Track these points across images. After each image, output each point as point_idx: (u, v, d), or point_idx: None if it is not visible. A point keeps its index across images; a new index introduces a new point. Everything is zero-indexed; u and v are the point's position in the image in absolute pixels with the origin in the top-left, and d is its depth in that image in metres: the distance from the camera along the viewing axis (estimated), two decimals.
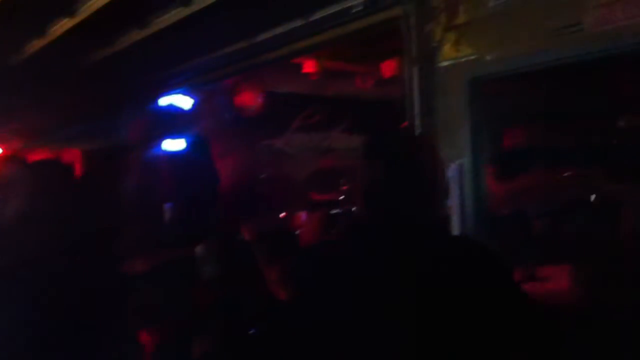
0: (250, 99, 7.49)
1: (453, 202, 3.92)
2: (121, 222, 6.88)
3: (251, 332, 4.63)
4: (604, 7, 3.14)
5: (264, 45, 5.04)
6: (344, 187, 7.91)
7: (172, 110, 7.35)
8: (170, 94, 7.09)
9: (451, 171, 3.94)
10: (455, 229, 3.90)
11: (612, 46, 3.16)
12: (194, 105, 7.45)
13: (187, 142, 7.45)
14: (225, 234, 6.07)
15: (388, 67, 6.97)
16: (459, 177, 3.91)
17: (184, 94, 7.25)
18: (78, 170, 7.39)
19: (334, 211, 7.84)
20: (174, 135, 7.42)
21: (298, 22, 4.64)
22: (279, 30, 4.83)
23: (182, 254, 5.27)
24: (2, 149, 6.17)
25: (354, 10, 4.22)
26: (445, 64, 3.96)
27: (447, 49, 3.92)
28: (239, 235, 6.28)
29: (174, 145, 7.45)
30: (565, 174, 6.32)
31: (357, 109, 8.50)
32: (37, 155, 6.15)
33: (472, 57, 3.80)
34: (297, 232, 7.24)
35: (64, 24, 5.03)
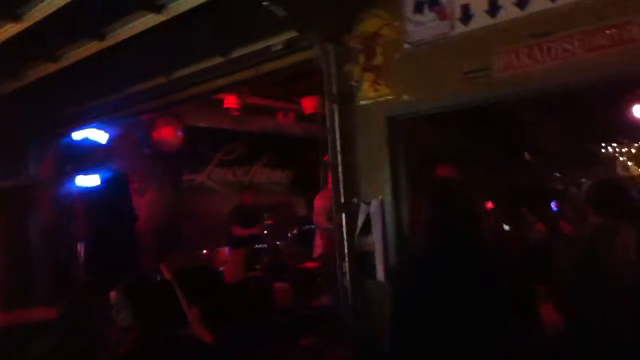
0: (169, 134, 7.35)
1: (376, 235, 3.99)
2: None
3: None
4: (510, 53, 3.34)
5: (183, 81, 4.96)
6: (268, 222, 7.85)
7: (87, 144, 7.07)
8: (85, 128, 6.83)
9: (372, 206, 4.01)
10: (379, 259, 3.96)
11: (518, 89, 3.37)
12: (109, 139, 7.21)
13: (102, 177, 7.18)
14: (143, 274, 5.83)
15: (309, 104, 7.07)
16: (381, 212, 3.98)
17: (99, 128, 7.01)
18: None
19: (258, 246, 7.77)
20: (88, 170, 7.13)
21: (218, 60, 4.61)
22: (200, 66, 4.78)
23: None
24: None
25: (273, 49, 4.25)
26: (364, 102, 4.05)
27: (365, 88, 4.02)
28: (159, 275, 6.06)
29: (88, 181, 7.15)
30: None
31: (278, 144, 8.54)
32: None
33: (390, 97, 3.91)
34: (221, 268, 7.09)
35: None
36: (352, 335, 4.04)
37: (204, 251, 7.10)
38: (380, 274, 3.97)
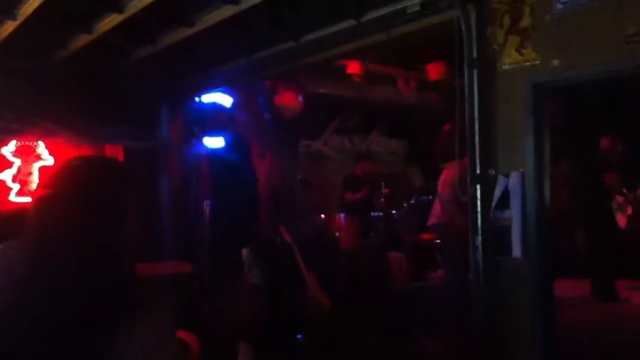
0: (290, 99, 7.40)
1: (514, 209, 3.76)
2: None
3: (298, 337, 4.51)
4: None
5: (312, 46, 4.91)
6: (385, 190, 7.78)
7: (213, 108, 7.31)
8: (212, 92, 7.05)
9: (512, 179, 3.78)
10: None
11: None
12: (234, 104, 7.40)
13: (226, 140, 7.42)
14: (267, 236, 5.99)
15: (435, 70, 6.80)
16: (521, 186, 3.74)
17: (225, 92, 7.21)
18: None
19: (374, 214, 7.73)
20: (214, 133, 7.39)
21: (349, 23, 4.50)
22: (331, 30, 4.69)
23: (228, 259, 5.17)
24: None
25: (409, 11, 4.07)
26: (507, 67, 3.78)
27: (509, 52, 3.75)
28: (280, 238, 6.19)
29: (213, 143, 7.42)
30: None
31: (396, 113, 8.35)
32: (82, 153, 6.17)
33: (537, 62, 3.62)
34: (336, 234, 7.13)
35: (111, 20, 4.97)
36: (481, 312, 3.88)
37: (322, 216, 7.14)
38: (516, 251, 3.76)
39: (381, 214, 7.72)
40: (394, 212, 7.68)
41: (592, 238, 6.47)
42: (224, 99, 7.36)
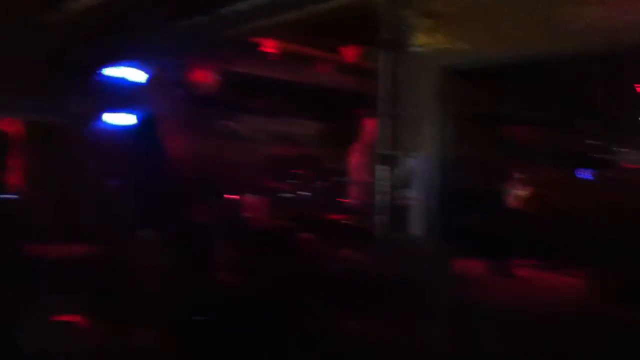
0: (205, 77, 7.20)
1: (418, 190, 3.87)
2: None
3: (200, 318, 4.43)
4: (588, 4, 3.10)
5: (225, 21, 4.78)
6: (298, 172, 7.79)
7: (124, 83, 6.99)
8: (122, 66, 6.73)
9: (417, 161, 3.87)
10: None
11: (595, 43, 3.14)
12: (146, 79, 7.11)
13: (137, 117, 7.12)
14: (178, 216, 5.83)
15: (350, 53, 6.83)
16: (426, 167, 3.84)
17: (137, 67, 6.91)
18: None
19: (286, 195, 7.73)
20: (123, 109, 7.07)
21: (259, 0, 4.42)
22: (244, 5, 4.59)
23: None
24: None
25: None
26: (418, 50, 3.85)
27: (421, 35, 3.82)
28: (192, 218, 6.06)
29: (123, 119, 7.10)
30: None
31: (315, 95, 8.33)
32: None
33: (447, 46, 3.71)
34: (248, 215, 7.07)
35: None
36: (384, 289, 3.98)
37: (235, 197, 7.04)
38: (419, 229, 3.88)
39: (294, 195, 7.73)
40: (307, 193, 7.71)
41: (491, 219, 6.79)
42: (136, 74, 7.06)
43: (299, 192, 7.81)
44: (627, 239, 4.83)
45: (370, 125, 5.79)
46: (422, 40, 3.81)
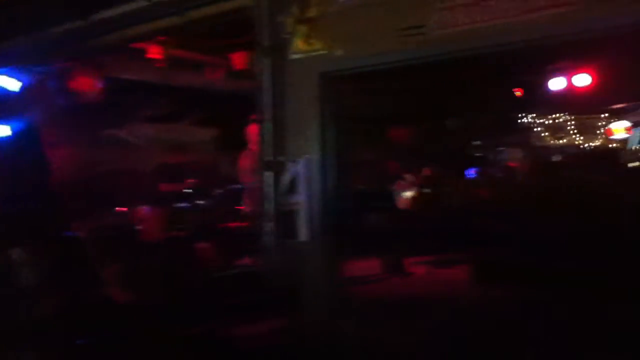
0: (87, 84, 6.86)
1: (302, 194, 3.91)
2: None
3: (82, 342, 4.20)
4: (448, 10, 3.28)
5: (102, 26, 4.59)
6: (192, 180, 7.63)
7: None
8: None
9: (300, 165, 3.92)
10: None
11: (455, 49, 3.33)
12: (22, 88, 6.67)
13: (13, 128, 6.66)
14: (55, 231, 5.49)
15: (239, 59, 6.79)
16: (308, 171, 3.89)
17: (11, 75, 6.47)
18: None
19: (182, 205, 7.53)
20: None
21: (141, 3, 4.29)
22: (121, 9, 4.43)
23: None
24: None
25: None
26: (296, 56, 3.90)
27: (298, 41, 3.87)
28: (73, 233, 5.74)
29: None
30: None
31: (206, 101, 8.22)
32: None
33: (323, 52, 3.78)
34: (141, 227, 6.82)
35: None
36: (274, 296, 3.98)
37: (124, 209, 6.76)
38: (304, 234, 3.92)
39: (190, 204, 7.56)
40: (203, 201, 7.57)
41: (381, 219, 7.04)
42: (10, 82, 6.61)
43: (193, 201, 7.64)
44: (503, 231, 5.18)
45: (254, 131, 5.82)
46: (300, 47, 3.86)
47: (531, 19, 3.01)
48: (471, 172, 10.12)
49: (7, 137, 6.60)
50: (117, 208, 6.92)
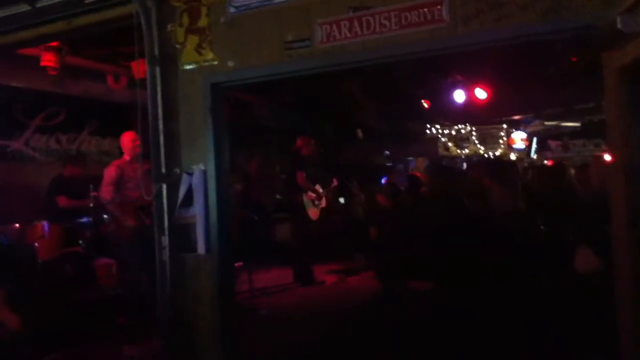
0: None
1: (197, 206, 3.83)
2: None
3: None
4: (331, 24, 3.34)
5: None
6: (94, 194, 7.29)
7: None
8: None
9: (195, 177, 3.84)
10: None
11: (338, 61, 3.39)
12: None
13: None
14: None
15: (140, 68, 6.58)
16: (203, 182, 3.82)
17: None
18: None
19: (81, 220, 7.17)
20: None
21: (23, 7, 4.07)
22: (2, 13, 4.18)
23: None
24: None
25: (87, 0, 3.84)
26: (188, 67, 3.84)
27: (189, 51, 3.81)
28: None
29: None
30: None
31: (108, 111, 7.92)
32: None
33: (214, 63, 3.75)
34: (36, 244, 6.45)
35: None
36: (167, 312, 3.86)
37: (15, 225, 6.37)
38: (201, 247, 3.83)
39: (90, 219, 7.21)
40: (105, 216, 7.25)
41: (291, 230, 7.05)
42: None
43: (96, 215, 7.29)
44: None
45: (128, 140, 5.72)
46: (192, 57, 3.81)
47: (405, 34, 3.13)
48: (383, 182, 10.38)
49: None
50: (9, 224, 6.51)
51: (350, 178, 8.42)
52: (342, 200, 8.64)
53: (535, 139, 12.62)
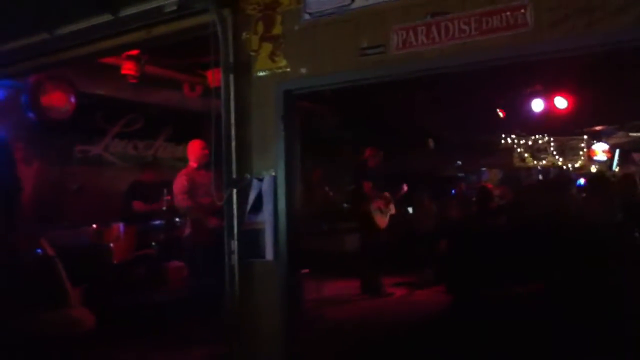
0: (59, 100, 6.77)
1: (266, 212, 3.82)
2: None
3: None
4: (407, 31, 3.25)
5: (67, 40, 4.52)
6: (167, 198, 7.50)
7: None
8: None
9: (265, 183, 3.84)
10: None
11: (414, 68, 3.30)
12: None
13: None
14: (21, 248, 5.36)
15: (215, 77, 6.72)
16: (273, 188, 3.81)
17: None
18: None
19: (155, 223, 7.39)
20: None
21: (106, 17, 4.23)
22: (86, 23, 4.37)
23: None
24: None
25: (166, 10, 3.94)
26: (261, 74, 3.85)
27: (263, 59, 3.82)
28: (40, 250, 5.61)
29: None
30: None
31: (183, 119, 8.14)
32: None
33: (287, 70, 3.74)
34: (111, 245, 6.69)
35: None
36: (234, 316, 3.87)
37: (93, 226, 6.63)
38: (269, 253, 3.82)
39: (163, 222, 7.41)
40: (177, 219, 7.43)
41: (360, 240, 6.96)
42: None
43: (169, 218, 7.49)
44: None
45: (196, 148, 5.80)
46: (265, 64, 3.82)
47: (486, 40, 3.00)
48: (453, 193, 10.14)
49: None
50: (87, 226, 6.78)
51: (420, 189, 8.25)
52: (410, 210, 8.48)
53: (617, 151, 11.94)
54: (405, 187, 7.37)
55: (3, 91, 6.64)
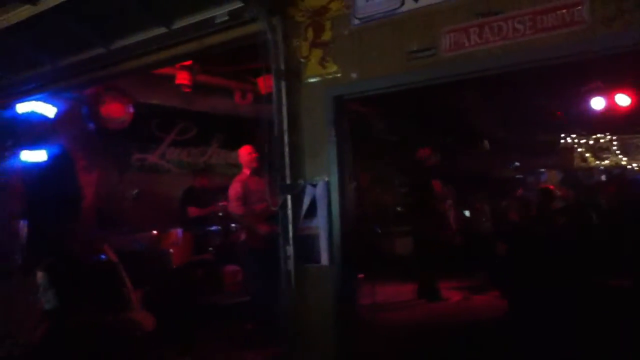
0: (117, 110, 7.02)
1: (320, 218, 3.83)
2: None
3: None
4: (459, 32, 3.20)
5: (123, 53, 4.67)
6: (223, 203, 7.64)
7: (32, 118, 6.72)
8: (28, 100, 6.47)
9: (318, 188, 3.85)
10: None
11: (467, 70, 3.24)
12: (57, 114, 6.87)
13: (48, 153, 6.84)
14: (70, 254, 5.56)
15: (266, 84, 6.81)
16: (326, 194, 3.81)
17: (45, 101, 6.66)
18: None
19: (211, 228, 7.55)
20: (33, 145, 6.78)
21: (160, 30, 4.35)
22: (141, 36, 4.50)
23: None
24: None
25: (218, 21, 4.02)
26: (311, 80, 3.87)
27: (313, 65, 3.84)
28: (104, 256, 5.82)
29: (32, 156, 6.80)
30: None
31: (234, 125, 8.27)
32: None
33: (337, 75, 3.74)
34: (171, 250, 6.87)
35: None
36: (290, 321, 3.89)
37: (154, 232, 6.83)
38: (324, 259, 3.82)
39: (220, 227, 7.56)
40: (233, 225, 7.56)
41: (419, 243, 6.82)
42: (46, 108, 6.81)
43: (224, 224, 7.63)
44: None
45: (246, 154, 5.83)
46: (315, 70, 3.83)
47: (541, 38, 2.91)
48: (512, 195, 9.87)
49: (42, 162, 6.78)
50: (146, 232, 6.99)
51: (475, 190, 8.08)
52: (467, 213, 8.31)
53: None
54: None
55: (65, 103, 6.93)
